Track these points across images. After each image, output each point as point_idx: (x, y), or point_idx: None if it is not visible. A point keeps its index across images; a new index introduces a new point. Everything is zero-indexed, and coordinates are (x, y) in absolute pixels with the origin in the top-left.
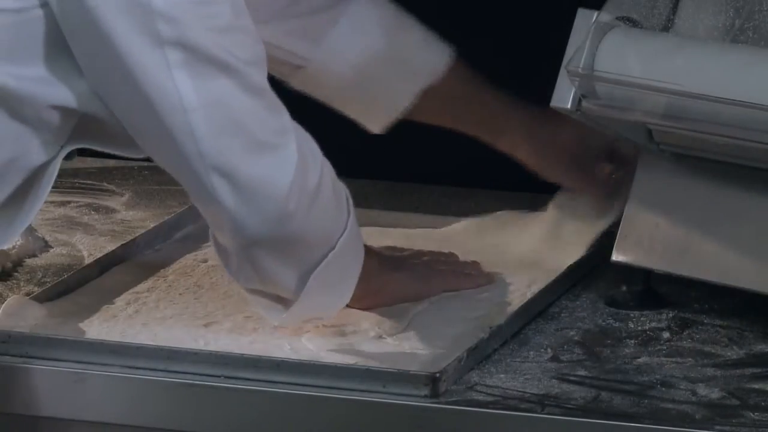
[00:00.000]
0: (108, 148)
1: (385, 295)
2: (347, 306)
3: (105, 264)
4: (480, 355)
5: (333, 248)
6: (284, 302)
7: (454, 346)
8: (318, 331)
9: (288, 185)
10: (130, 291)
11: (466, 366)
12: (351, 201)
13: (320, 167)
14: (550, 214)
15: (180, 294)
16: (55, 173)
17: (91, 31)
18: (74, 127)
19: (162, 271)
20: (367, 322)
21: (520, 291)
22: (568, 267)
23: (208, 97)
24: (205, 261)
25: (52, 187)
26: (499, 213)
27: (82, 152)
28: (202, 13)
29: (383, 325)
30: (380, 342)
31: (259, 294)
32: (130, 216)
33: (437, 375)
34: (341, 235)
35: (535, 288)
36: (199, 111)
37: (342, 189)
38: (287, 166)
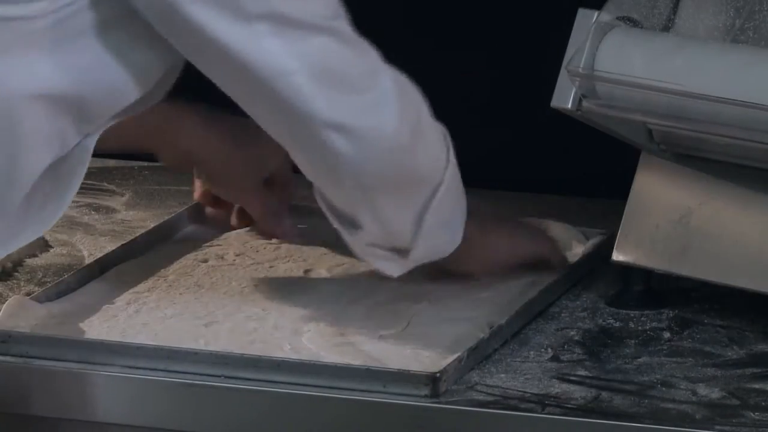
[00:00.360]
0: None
1: (492, 256)
2: (456, 272)
3: (105, 264)
4: (480, 355)
5: (441, 183)
6: (401, 252)
7: (454, 346)
8: (318, 331)
9: (395, 120)
10: (130, 291)
11: (466, 366)
12: (449, 137)
13: (418, 99)
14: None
15: (180, 294)
16: (90, 151)
17: (177, 22)
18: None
19: (162, 271)
20: (367, 322)
21: (520, 291)
22: (568, 267)
23: (305, 59)
24: (205, 261)
25: None
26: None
27: None
28: None
29: (383, 325)
30: (380, 342)
31: (376, 248)
32: (130, 216)
33: (437, 375)
34: (446, 169)
35: (535, 288)
36: (301, 73)
37: (439, 125)
38: (390, 102)
